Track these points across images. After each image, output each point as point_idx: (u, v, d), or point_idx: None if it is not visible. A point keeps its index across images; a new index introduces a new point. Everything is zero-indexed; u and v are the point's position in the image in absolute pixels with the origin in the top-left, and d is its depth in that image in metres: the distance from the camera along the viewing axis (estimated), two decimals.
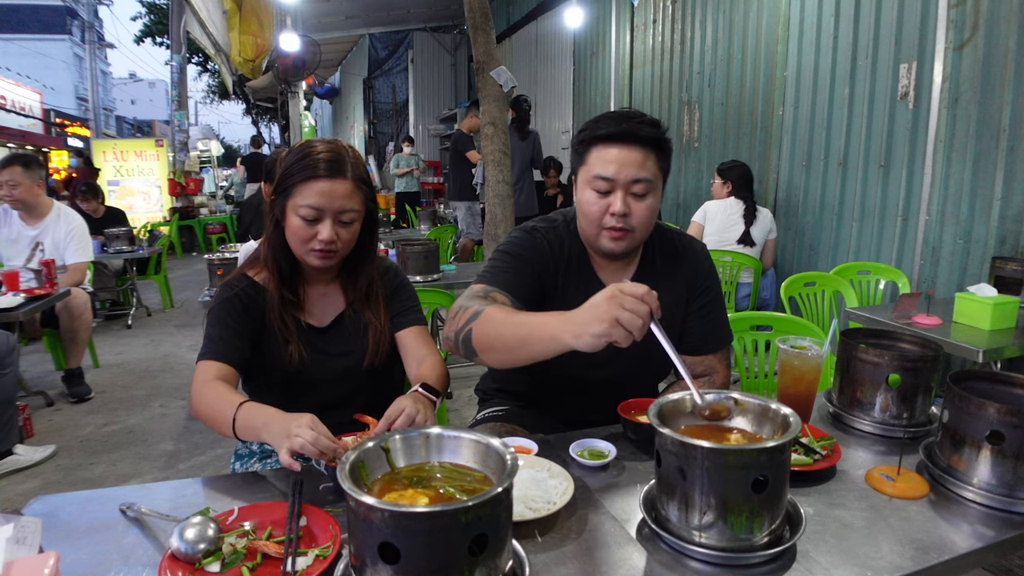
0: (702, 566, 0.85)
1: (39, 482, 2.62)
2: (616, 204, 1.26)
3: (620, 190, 1.26)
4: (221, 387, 1.19)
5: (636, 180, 1.25)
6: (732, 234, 3.67)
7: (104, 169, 9.35)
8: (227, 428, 1.13)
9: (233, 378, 1.26)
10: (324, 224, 1.27)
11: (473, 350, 1.14)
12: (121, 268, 5.26)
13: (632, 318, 0.92)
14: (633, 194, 1.27)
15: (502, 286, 1.28)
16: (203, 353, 1.26)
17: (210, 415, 1.17)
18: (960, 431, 1.03)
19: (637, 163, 1.25)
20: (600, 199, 1.28)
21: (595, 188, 1.27)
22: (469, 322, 1.15)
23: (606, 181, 1.26)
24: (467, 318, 1.16)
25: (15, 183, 3.36)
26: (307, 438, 1.00)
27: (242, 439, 1.15)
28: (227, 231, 9.39)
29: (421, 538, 0.67)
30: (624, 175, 1.25)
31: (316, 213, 1.26)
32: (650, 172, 1.26)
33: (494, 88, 4.40)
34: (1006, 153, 2.83)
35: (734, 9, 4.65)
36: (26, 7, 27.65)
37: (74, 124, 23.91)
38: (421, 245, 3.25)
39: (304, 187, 1.25)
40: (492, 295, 1.26)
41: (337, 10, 10.06)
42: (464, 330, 1.15)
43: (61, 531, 0.94)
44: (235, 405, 1.13)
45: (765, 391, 2.01)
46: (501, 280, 1.30)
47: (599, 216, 1.28)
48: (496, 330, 1.11)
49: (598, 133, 1.27)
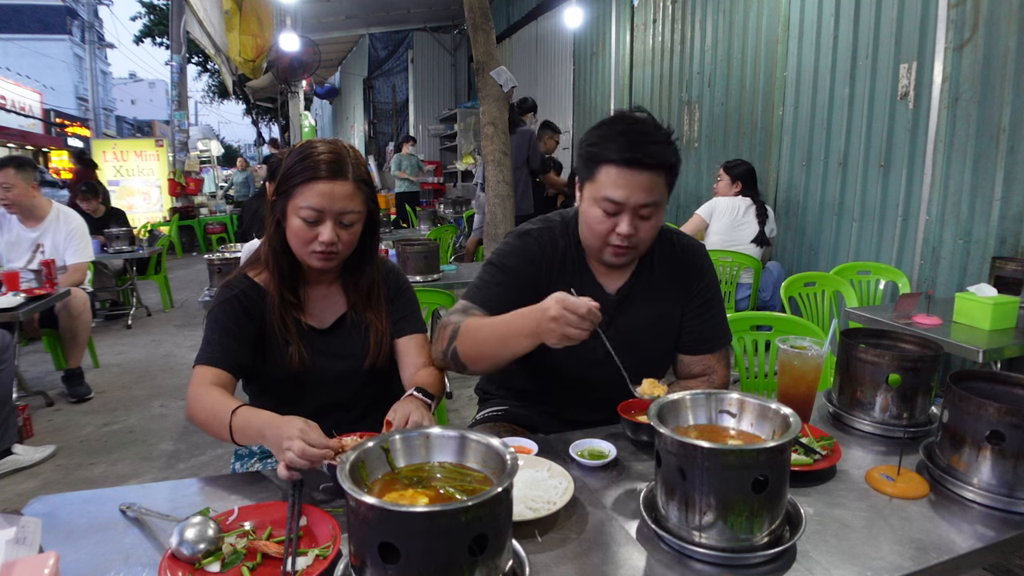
0: (702, 566, 0.85)
1: (39, 482, 2.62)
2: (623, 227, 1.26)
3: (628, 213, 1.26)
4: (216, 392, 1.19)
5: (645, 205, 1.26)
6: (742, 233, 3.66)
7: (104, 169, 9.35)
8: (224, 433, 1.13)
9: (229, 383, 1.25)
10: (325, 226, 1.26)
11: (462, 364, 1.26)
12: (121, 268, 5.26)
13: (579, 333, 1.07)
14: (641, 216, 1.28)
15: (482, 304, 1.33)
16: (200, 357, 1.26)
17: (206, 421, 1.17)
18: (960, 431, 1.03)
19: (647, 187, 1.24)
20: (607, 219, 1.28)
21: (603, 208, 1.27)
22: (451, 340, 1.26)
23: (615, 204, 1.26)
24: (448, 336, 1.27)
25: (9, 185, 3.35)
26: (295, 451, 0.99)
27: (240, 444, 1.15)
28: (227, 231, 9.39)
29: (421, 538, 0.67)
30: (634, 200, 1.25)
31: (317, 215, 1.25)
32: (658, 194, 1.27)
33: (494, 88, 4.40)
34: (1006, 153, 2.82)
35: (734, 9, 4.65)
36: (26, 7, 27.64)
37: (74, 124, 23.93)
38: (421, 245, 3.25)
39: (305, 188, 1.25)
40: (472, 312, 1.32)
41: (337, 10, 10.05)
42: (449, 349, 1.27)
43: (61, 531, 0.94)
44: (230, 411, 1.13)
45: (765, 391, 2.01)
46: (483, 297, 1.35)
47: (605, 234, 1.29)
48: (478, 339, 1.23)
49: (610, 157, 1.24)
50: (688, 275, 1.44)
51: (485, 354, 1.23)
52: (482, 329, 1.21)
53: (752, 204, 3.70)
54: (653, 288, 1.42)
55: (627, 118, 1.28)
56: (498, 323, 1.19)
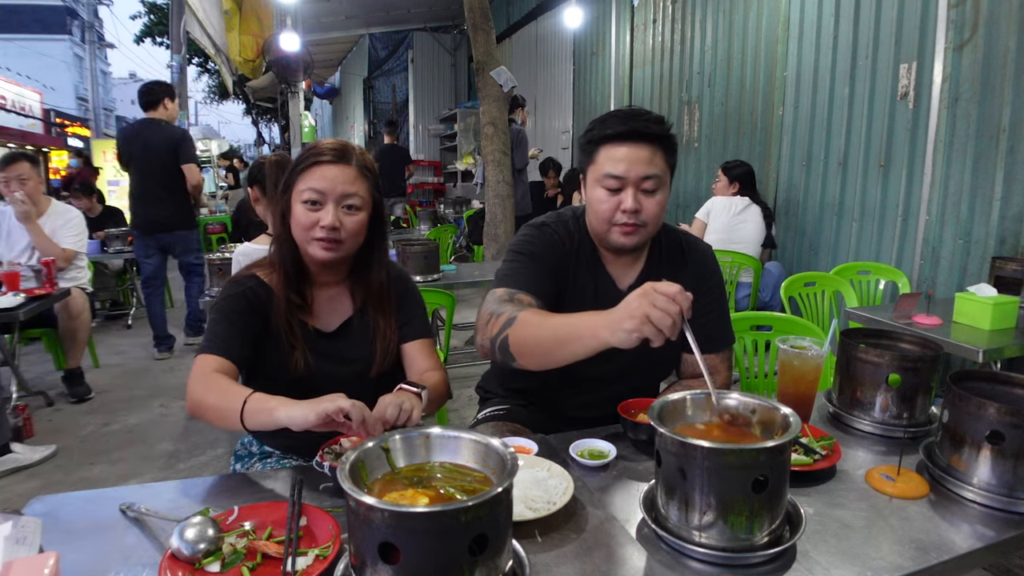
0: (702, 566, 0.85)
1: (39, 482, 2.62)
2: (627, 201, 1.29)
3: (631, 187, 1.29)
4: (224, 380, 1.17)
5: (646, 177, 1.28)
6: (740, 231, 3.68)
7: (104, 169, 9.34)
8: (233, 415, 1.09)
9: (233, 374, 1.24)
10: (327, 209, 1.25)
11: (511, 355, 1.17)
12: (121, 268, 5.26)
13: (662, 316, 0.93)
14: (643, 190, 1.30)
15: (525, 288, 1.30)
16: (204, 347, 1.24)
17: (214, 404, 1.13)
18: (960, 431, 1.03)
19: (646, 160, 1.28)
20: (611, 196, 1.30)
21: (605, 186, 1.30)
22: (504, 328, 1.17)
23: (616, 179, 1.28)
24: (501, 324, 1.18)
25: (26, 177, 3.38)
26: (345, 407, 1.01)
27: (248, 427, 1.10)
28: (227, 231, 9.38)
29: (421, 538, 0.67)
30: (634, 172, 1.28)
31: (319, 196, 1.25)
32: (659, 168, 1.30)
33: (494, 88, 4.40)
34: (1006, 153, 2.82)
35: (734, 9, 4.65)
36: (26, 7, 27.63)
37: (74, 124, 23.91)
38: (421, 245, 3.25)
39: (307, 173, 1.25)
40: (518, 297, 1.28)
41: (337, 10, 10.05)
42: (500, 337, 1.18)
43: (61, 531, 0.94)
44: (245, 393, 1.10)
45: (765, 391, 2.01)
46: (523, 282, 1.32)
47: (610, 213, 1.31)
48: (533, 334, 1.14)
49: (606, 132, 1.29)
50: (696, 273, 1.46)
51: (538, 350, 1.14)
52: (543, 325, 1.14)
53: (751, 203, 3.71)
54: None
55: (620, 108, 1.32)
56: (558, 323, 1.11)
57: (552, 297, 1.34)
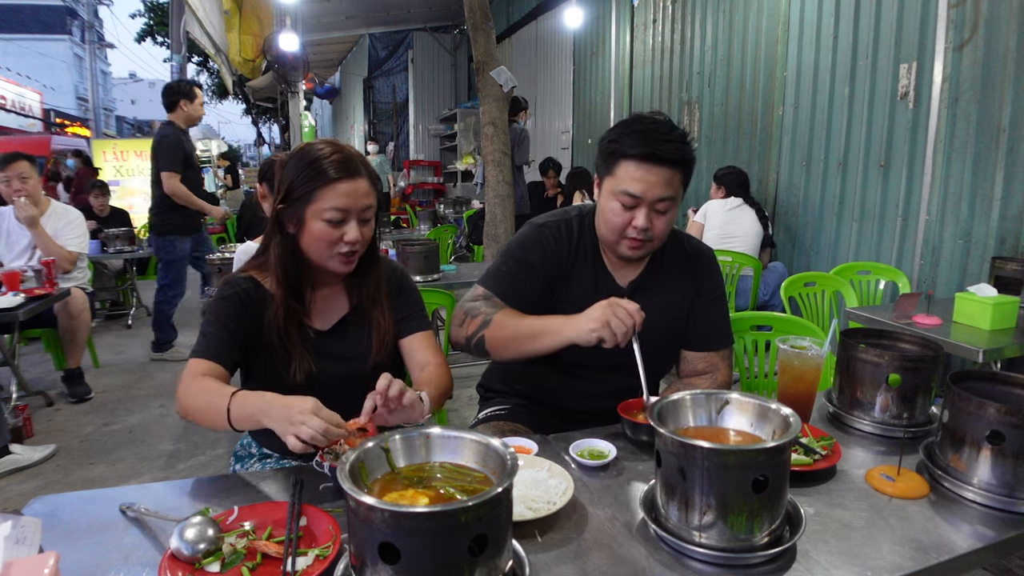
0: (702, 566, 0.85)
1: (39, 482, 2.62)
2: (639, 220, 1.31)
3: (645, 207, 1.31)
4: (211, 381, 1.17)
5: (661, 199, 1.30)
6: (736, 226, 3.73)
7: (104, 169, 9.35)
8: (221, 416, 1.10)
9: (223, 377, 1.24)
10: (350, 225, 1.26)
11: (485, 352, 1.34)
12: (121, 268, 5.26)
13: (620, 324, 1.15)
14: (656, 210, 1.32)
15: (502, 295, 1.39)
16: (195, 351, 1.24)
17: (201, 407, 1.14)
18: (960, 431, 1.03)
19: (664, 183, 1.30)
20: (624, 212, 1.33)
21: (621, 201, 1.32)
22: (480, 329, 1.34)
23: (633, 198, 1.30)
24: (478, 324, 1.34)
25: (26, 176, 3.38)
26: (316, 429, 0.98)
27: (237, 428, 1.11)
28: (227, 231, 9.37)
29: (421, 538, 0.67)
30: (651, 194, 1.30)
31: (342, 215, 1.25)
32: (674, 190, 1.32)
33: (494, 88, 4.40)
34: (1006, 153, 2.82)
35: (734, 9, 4.65)
36: (26, 7, 27.64)
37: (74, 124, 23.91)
38: (421, 245, 3.25)
39: (327, 190, 1.23)
40: (494, 300, 1.38)
41: (337, 10, 10.05)
42: (476, 336, 1.34)
43: (61, 531, 0.94)
44: (229, 394, 1.11)
45: (765, 391, 2.01)
46: (503, 288, 1.40)
47: (622, 227, 1.34)
48: (509, 333, 1.31)
49: (629, 152, 1.30)
50: (697, 273, 1.48)
51: (512, 347, 1.31)
52: (517, 326, 1.31)
53: (744, 203, 3.77)
54: (663, 283, 1.47)
55: (645, 118, 1.34)
56: (531, 323, 1.29)
57: (536, 299, 1.40)
